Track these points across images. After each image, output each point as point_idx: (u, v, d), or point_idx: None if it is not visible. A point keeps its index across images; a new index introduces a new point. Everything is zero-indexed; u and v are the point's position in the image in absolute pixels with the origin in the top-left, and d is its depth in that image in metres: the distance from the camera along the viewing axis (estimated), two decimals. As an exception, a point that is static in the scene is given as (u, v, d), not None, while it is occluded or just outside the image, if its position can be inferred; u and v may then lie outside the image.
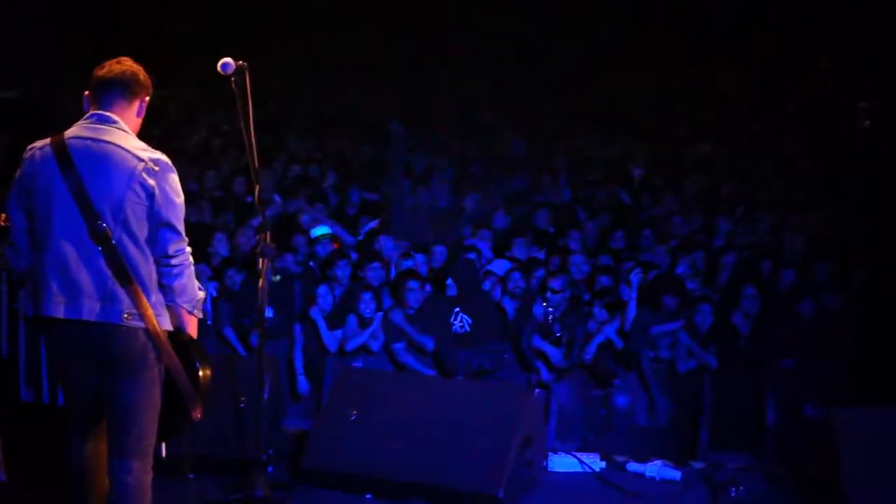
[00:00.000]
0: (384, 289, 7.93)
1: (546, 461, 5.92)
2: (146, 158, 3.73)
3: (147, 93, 3.92)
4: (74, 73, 4.46)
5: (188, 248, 3.85)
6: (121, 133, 3.77)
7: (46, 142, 3.74)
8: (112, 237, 3.65)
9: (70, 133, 3.75)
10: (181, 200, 3.82)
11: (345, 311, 7.63)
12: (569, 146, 11.52)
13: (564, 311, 7.73)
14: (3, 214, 3.88)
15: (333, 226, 9.02)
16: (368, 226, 9.17)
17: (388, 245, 8.54)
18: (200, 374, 3.88)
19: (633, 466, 6.05)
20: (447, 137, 11.81)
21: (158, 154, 3.79)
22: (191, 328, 3.92)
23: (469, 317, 7.71)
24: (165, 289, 3.80)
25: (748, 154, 11.46)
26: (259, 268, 4.89)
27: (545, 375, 7.58)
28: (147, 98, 3.92)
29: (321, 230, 8.65)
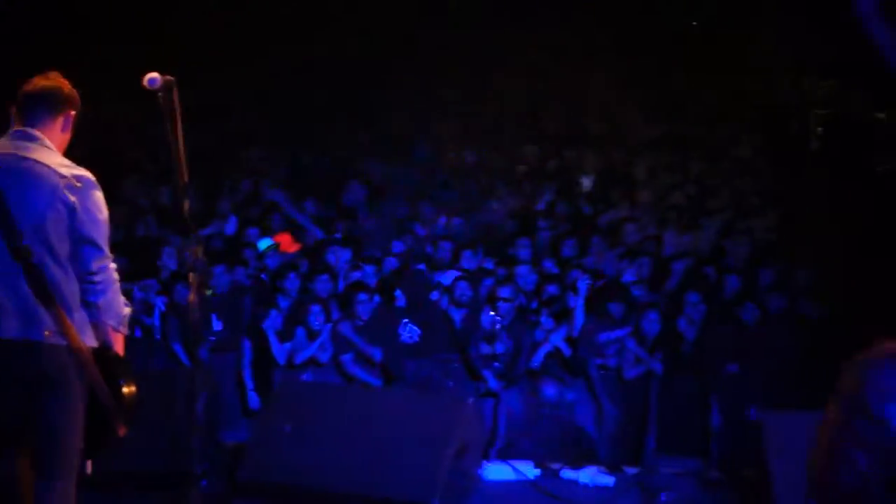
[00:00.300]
0: (332, 301, 7.96)
1: (481, 469, 5.98)
2: (68, 175, 3.72)
3: (72, 107, 3.88)
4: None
5: (112, 265, 3.83)
6: (44, 150, 3.75)
7: None
8: (33, 257, 3.63)
9: None
10: (104, 217, 3.80)
11: (294, 324, 7.66)
12: (518, 156, 11.59)
13: (512, 321, 7.80)
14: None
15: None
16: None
17: (344, 257, 8.54)
18: (125, 391, 3.85)
19: (568, 473, 6.12)
20: (403, 146, 11.83)
21: (81, 170, 3.76)
22: (117, 345, 3.91)
23: (418, 327, 7.77)
24: (90, 306, 3.77)
25: (703, 161, 11.54)
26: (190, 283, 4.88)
27: (493, 384, 7.64)
28: (73, 112, 3.88)
29: (265, 242, 8.66)
